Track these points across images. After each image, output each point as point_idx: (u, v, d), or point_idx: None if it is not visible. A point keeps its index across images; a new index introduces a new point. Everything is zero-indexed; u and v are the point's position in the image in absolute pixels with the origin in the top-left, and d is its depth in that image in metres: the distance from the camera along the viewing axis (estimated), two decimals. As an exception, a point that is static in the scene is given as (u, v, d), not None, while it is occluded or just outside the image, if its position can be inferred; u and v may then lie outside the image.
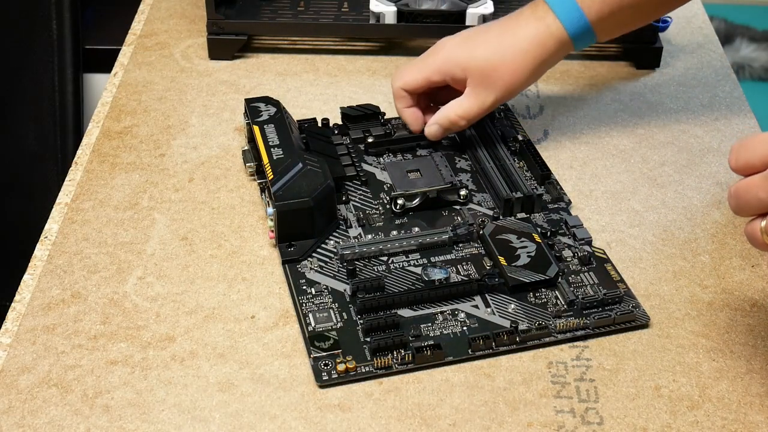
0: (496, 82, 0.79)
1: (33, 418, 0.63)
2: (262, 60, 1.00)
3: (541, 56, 0.78)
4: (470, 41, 0.80)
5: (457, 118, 0.81)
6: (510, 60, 0.78)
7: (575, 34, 0.78)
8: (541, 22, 0.78)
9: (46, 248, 0.76)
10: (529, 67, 0.78)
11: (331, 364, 0.66)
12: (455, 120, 0.81)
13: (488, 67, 0.78)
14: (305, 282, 0.72)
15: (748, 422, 0.63)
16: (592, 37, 0.79)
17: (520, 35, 0.78)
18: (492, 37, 0.79)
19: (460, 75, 0.80)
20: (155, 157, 0.86)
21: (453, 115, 0.81)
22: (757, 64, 2.28)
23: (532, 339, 0.68)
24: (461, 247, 0.75)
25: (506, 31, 0.79)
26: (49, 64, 1.28)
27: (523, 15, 0.79)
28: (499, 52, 0.78)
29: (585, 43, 0.79)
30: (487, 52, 0.78)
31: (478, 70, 0.79)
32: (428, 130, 0.83)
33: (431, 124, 0.83)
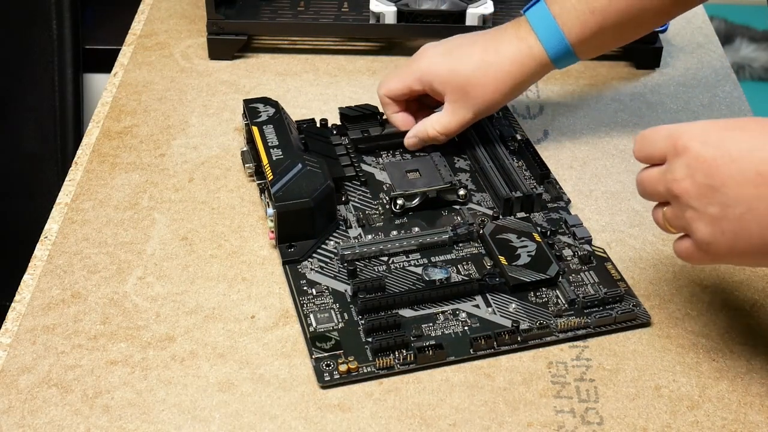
0: (475, 100, 0.79)
1: (33, 418, 0.63)
2: (262, 60, 1.00)
3: (521, 76, 0.79)
4: (453, 55, 0.80)
5: (435, 133, 0.82)
6: (491, 79, 0.79)
7: (556, 56, 0.78)
8: (523, 42, 0.78)
9: (46, 248, 0.76)
10: (508, 86, 0.79)
11: (332, 364, 0.66)
12: (433, 135, 0.82)
13: (468, 84, 0.79)
14: (306, 282, 0.72)
15: (748, 422, 0.63)
16: (573, 58, 0.79)
17: (502, 54, 0.78)
18: (475, 53, 0.79)
19: (439, 88, 0.80)
20: (155, 157, 0.86)
21: (431, 130, 0.82)
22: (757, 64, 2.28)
23: (534, 338, 0.68)
24: (461, 246, 0.75)
25: (488, 48, 0.79)
26: (49, 64, 1.28)
27: (506, 33, 0.79)
28: (480, 69, 0.79)
29: (566, 63, 0.80)
30: (468, 69, 0.79)
31: (457, 86, 0.79)
32: (407, 141, 0.84)
33: (410, 137, 0.83)
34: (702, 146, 0.58)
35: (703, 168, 0.58)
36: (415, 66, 0.82)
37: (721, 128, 0.59)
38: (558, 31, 0.77)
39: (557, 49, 0.78)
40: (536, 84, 0.96)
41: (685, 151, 0.59)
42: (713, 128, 0.59)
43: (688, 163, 0.59)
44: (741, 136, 0.58)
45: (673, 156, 0.60)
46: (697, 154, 0.58)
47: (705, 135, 0.59)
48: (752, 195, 0.57)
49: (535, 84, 0.96)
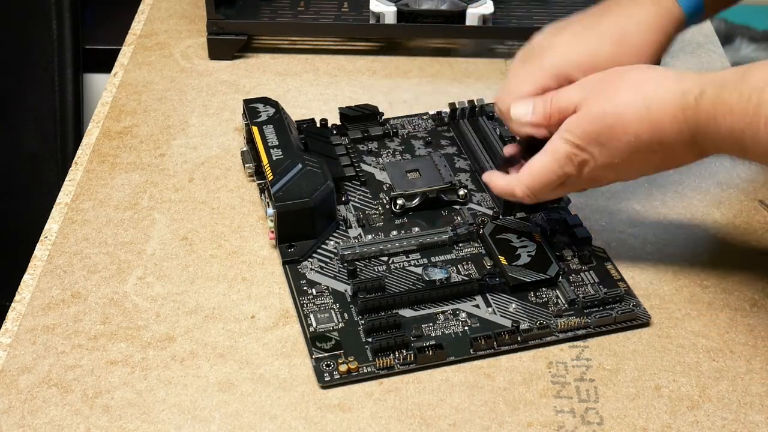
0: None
1: (33, 418, 0.63)
2: (262, 60, 1.00)
3: (663, 42, 0.73)
4: (585, 37, 0.72)
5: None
6: (636, 52, 0.71)
7: (690, 11, 0.73)
8: (659, 4, 0.72)
9: (46, 248, 0.76)
10: (653, 55, 0.72)
11: (333, 364, 0.66)
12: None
13: (613, 64, 0.70)
14: (306, 283, 0.72)
15: (748, 422, 0.63)
16: (701, 14, 0.74)
17: (642, 23, 0.72)
18: (609, 28, 0.72)
19: (580, 77, 0.70)
20: (155, 157, 0.86)
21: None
22: (757, 64, 2.28)
23: (534, 338, 0.68)
24: (461, 246, 0.75)
25: (623, 18, 0.72)
26: (49, 64, 1.28)
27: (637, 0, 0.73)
28: (624, 45, 0.71)
29: (694, 22, 0.74)
30: (610, 48, 0.71)
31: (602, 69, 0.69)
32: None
33: None
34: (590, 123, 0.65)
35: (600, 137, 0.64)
36: (545, 62, 0.71)
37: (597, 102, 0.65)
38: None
39: (692, 4, 0.73)
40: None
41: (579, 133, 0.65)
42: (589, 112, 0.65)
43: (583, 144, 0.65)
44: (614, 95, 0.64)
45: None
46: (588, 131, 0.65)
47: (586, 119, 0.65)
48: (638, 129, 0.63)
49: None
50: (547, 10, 1.00)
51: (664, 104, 0.63)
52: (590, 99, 0.65)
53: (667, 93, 0.63)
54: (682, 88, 0.62)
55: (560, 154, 0.66)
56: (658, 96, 0.63)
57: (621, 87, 0.64)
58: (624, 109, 0.64)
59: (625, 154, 0.65)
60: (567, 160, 0.66)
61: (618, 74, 0.66)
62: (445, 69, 0.99)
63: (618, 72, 0.66)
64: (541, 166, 0.67)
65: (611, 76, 0.66)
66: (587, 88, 0.66)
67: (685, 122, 0.62)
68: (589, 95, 0.65)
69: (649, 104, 0.63)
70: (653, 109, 0.63)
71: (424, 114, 0.90)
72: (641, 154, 0.65)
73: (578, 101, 0.66)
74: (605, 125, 0.64)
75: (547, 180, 0.67)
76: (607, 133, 0.64)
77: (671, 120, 0.62)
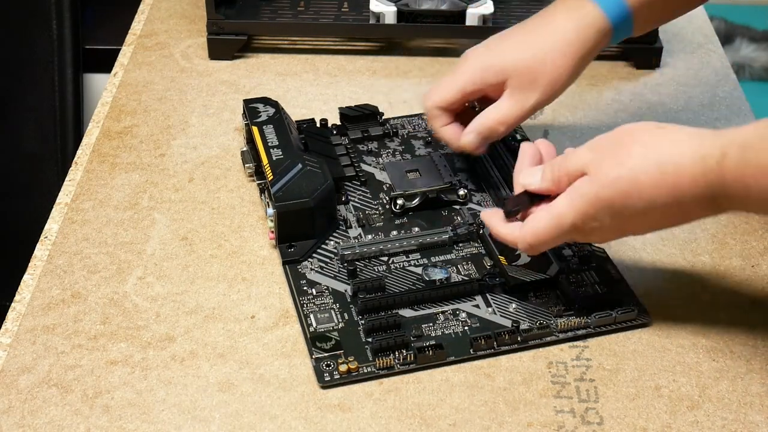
0: (539, 82, 0.73)
1: (33, 418, 0.63)
2: (262, 60, 1.00)
3: (583, 50, 0.73)
4: (502, 44, 0.75)
5: (495, 124, 0.74)
6: (552, 56, 0.72)
7: (616, 23, 0.73)
8: (579, 12, 0.73)
9: (46, 248, 0.76)
10: (571, 62, 0.73)
11: (333, 364, 0.66)
12: (494, 126, 0.75)
13: (529, 66, 0.72)
14: (306, 283, 0.72)
15: (748, 422, 0.63)
16: (629, 29, 0.74)
17: (559, 28, 0.73)
18: (527, 33, 0.74)
19: (497, 80, 0.73)
20: (155, 157, 0.86)
21: (491, 122, 0.74)
22: (757, 64, 2.28)
23: (534, 338, 0.68)
24: (461, 246, 0.75)
25: (542, 25, 0.74)
26: (49, 64, 1.28)
27: (557, 8, 0.74)
28: (539, 48, 0.73)
29: (622, 35, 0.74)
30: (525, 51, 0.73)
31: (517, 71, 0.73)
32: (464, 139, 0.76)
33: (468, 133, 0.76)
34: (602, 189, 0.62)
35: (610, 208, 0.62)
36: (464, 66, 0.75)
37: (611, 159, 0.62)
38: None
39: (617, 16, 0.72)
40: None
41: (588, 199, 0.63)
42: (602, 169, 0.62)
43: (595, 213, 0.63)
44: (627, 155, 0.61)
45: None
46: (601, 201, 0.62)
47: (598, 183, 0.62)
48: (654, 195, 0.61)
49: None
50: (547, 10, 1.00)
51: (682, 168, 0.60)
52: (601, 162, 0.62)
53: (684, 157, 0.60)
54: (701, 152, 0.59)
55: (567, 220, 0.63)
56: (674, 160, 0.60)
57: (633, 150, 0.61)
58: (638, 174, 0.61)
59: (637, 218, 0.62)
60: (572, 227, 0.64)
61: (629, 135, 0.63)
62: (445, 69, 0.98)
63: (628, 133, 0.63)
64: (546, 228, 0.64)
65: (622, 137, 0.63)
66: (597, 150, 0.63)
67: (707, 186, 0.59)
68: (600, 158, 0.63)
69: (666, 169, 0.60)
70: (670, 174, 0.60)
71: (424, 114, 0.90)
72: (655, 216, 0.62)
73: (588, 163, 0.63)
74: (618, 191, 0.61)
75: (550, 241, 0.65)
76: (620, 199, 0.61)
77: (690, 184, 0.60)
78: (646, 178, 0.60)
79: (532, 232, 0.65)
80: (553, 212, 0.64)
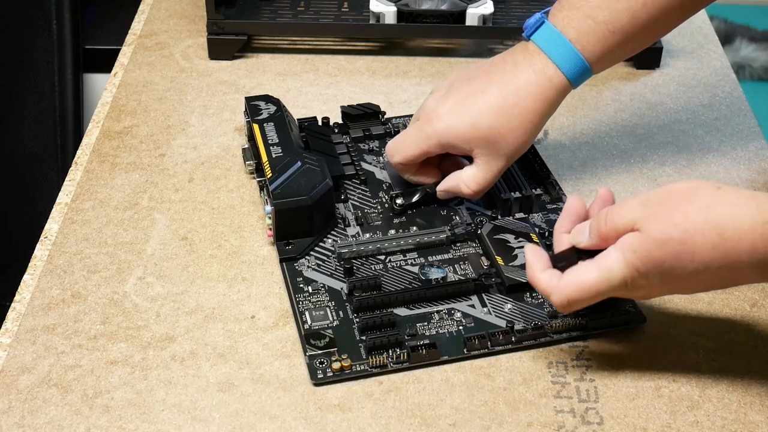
0: (506, 148, 0.74)
1: (33, 418, 0.63)
2: (262, 60, 1.00)
3: (545, 110, 0.74)
4: (467, 107, 0.74)
5: (470, 191, 0.76)
6: (517, 122, 0.73)
7: (575, 78, 0.74)
8: (541, 75, 0.73)
9: (46, 248, 0.76)
10: (535, 123, 0.74)
11: (326, 362, 0.66)
12: (468, 193, 0.76)
13: (494, 135, 0.73)
14: (302, 280, 0.72)
15: (748, 422, 0.63)
16: (589, 74, 0.75)
17: (522, 93, 0.73)
18: (491, 99, 0.73)
19: (464, 147, 0.74)
20: (155, 157, 0.86)
21: (465, 188, 0.76)
22: (757, 64, 2.28)
23: (528, 339, 0.68)
24: (459, 246, 0.75)
25: (505, 89, 0.73)
26: (49, 64, 1.28)
27: (519, 68, 0.74)
28: (503, 117, 0.73)
29: (581, 82, 0.75)
30: (490, 120, 0.73)
31: (483, 141, 0.73)
32: (438, 194, 0.78)
33: (441, 190, 0.77)
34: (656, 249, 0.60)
35: (663, 268, 0.60)
36: (429, 129, 0.75)
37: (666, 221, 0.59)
38: (577, 55, 0.72)
39: (577, 73, 0.73)
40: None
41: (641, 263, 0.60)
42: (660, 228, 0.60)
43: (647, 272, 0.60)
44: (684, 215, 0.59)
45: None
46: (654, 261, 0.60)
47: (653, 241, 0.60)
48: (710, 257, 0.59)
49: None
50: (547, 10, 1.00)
51: (740, 233, 0.58)
52: (654, 221, 0.60)
53: (744, 223, 0.58)
54: (763, 217, 0.57)
55: (616, 276, 0.61)
56: (733, 224, 0.58)
57: (689, 211, 0.59)
58: (693, 236, 0.58)
59: (688, 279, 0.60)
60: (622, 283, 0.61)
61: (685, 195, 0.60)
62: (445, 69, 0.99)
63: (685, 192, 0.61)
64: (591, 283, 0.62)
65: (676, 195, 0.61)
66: (650, 206, 0.61)
67: (767, 251, 0.58)
68: (652, 216, 0.60)
69: (723, 232, 0.58)
70: (728, 239, 0.58)
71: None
72: (706, 278, 0.60)
73: (638, 220, 0.60)
74: (671, 252, 0.59)
75: (594, 296, 0.62)
76: (672, 260, 0.59)
77: (750, 250, 0.58)
78: (703, 240, 0.58)
79: (578, 285, 0.62)
80: (603, 266, 0.61)
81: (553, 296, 0.63)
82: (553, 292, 0.63)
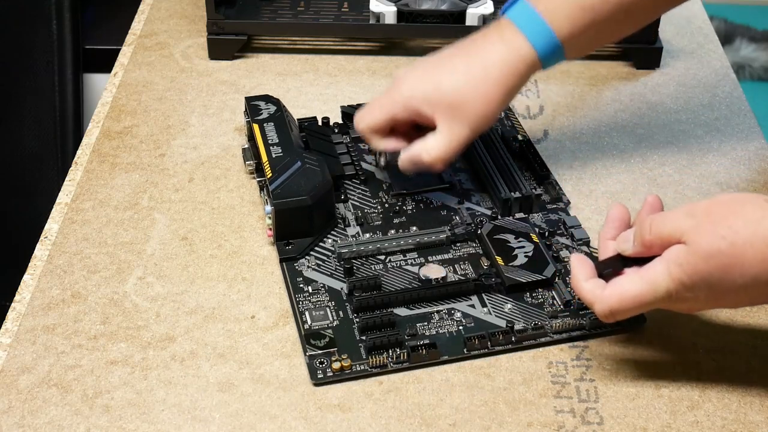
0: (468, 115, 0.73)
1: (33, 418, 0.63)
2: (262, 60, 1.00)
3: (512, 82, 0.73)
4: (435, 72, 0.74)
5: (431, 159, 0.74)
6: (482, 90, 0.73)
7: (545, 55, 0.73)
8: (509, 45, 0.73)
9: (46, 248, 0.76)
10: (501, 94, 0.73)
11: (326, 362, 0.66)
12: (429, 161, 0.74)
13: (458, 100, 0.72)
14: (302, 280, 0.72)
15: (748, 422, 0.63)
16: (561, 57, 0.74)
17: (489, 61, 0.73)
18: (458, 65, 0.73)
19: (427, 111, 0.73)
20: (155, 157, 0.86)
21: (426, 156, 0.74)
22: (757, 64, 2.28)
23: (528, 339, 0.68)
24: (459, 246, 0.75)
25: (472, 58, 0.73)
26: (49, 64, 1.28)
27: (488, 39, 0.74)
28: (468, 82, 0.73)
29: (553, 62, 0.75)
30: (455, 83, 0.73)
31: (447, 105, 0.73)
32: (401, 165, 0.76)
33: (404, 160, 0.76)
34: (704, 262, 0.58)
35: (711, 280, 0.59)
36: (395, 93, 0.75)
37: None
38: (547, 28, 0.72)
39: (546, 48, 0.73)
40: (536, 84, 0.96)
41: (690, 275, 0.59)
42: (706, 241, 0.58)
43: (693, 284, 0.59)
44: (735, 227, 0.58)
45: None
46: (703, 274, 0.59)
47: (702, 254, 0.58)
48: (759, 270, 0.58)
49: (535, 84, 0.96)
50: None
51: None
52: (700, 233, 0.59)
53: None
54: None
55: (661, 288, 0.60)
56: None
57: (737, 223, 0.58)
58: (742, 249, 0.57)
59: (735, 293, 0.59)
60: (666, 295, 0.60)
61: (732, 208, 0.59)
62: (445, 69, 0.98)
63: (731, 204, 0.60)
64: (634, 294, 0.61)
65: (723, 207, 0.60)
66: (696, 218, 0.59)
67: None
68: (698, 228, 0.59)
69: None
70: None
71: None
72: (755, 292, 0.59)
73: (685, 231, 0.59)
74: (718, 265, 0.58)
75: (635, 308, 0.62)
76: (719, 273, 0.58)
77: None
78: (753, 254, 0.57)
79: (620, 295, 0.61)
80: (647, 278, 0.60)
81: (597, 306, 0.62)
82: (597, 302, 0.62)
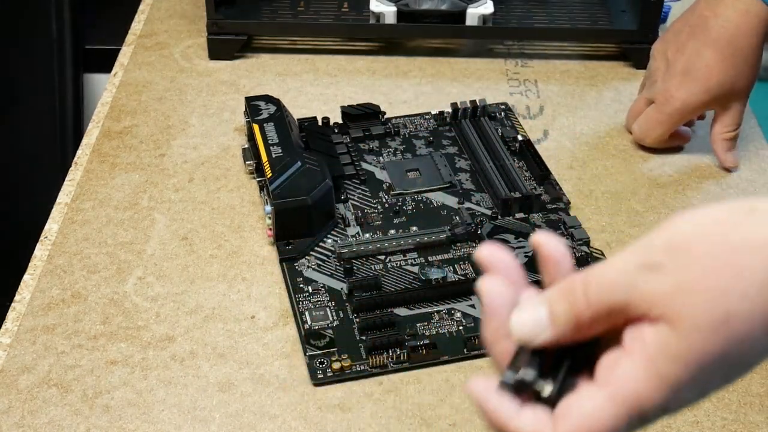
0: (739, 93, 0.82)
1: (33, 418, 0.63)
2: (262, 60, 1.00)
3: (761, 42, 0.79)
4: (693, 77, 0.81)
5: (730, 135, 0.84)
6: (741, 68, 0.80)
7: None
8: (743, 13, 0.78)
9: (46, 248, 0.76)
10: (757, 58, 0.80)
11: (326, 362, 0.66)
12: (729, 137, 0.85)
13: (727, 90, 0.81)
14: (302, 280, 0.72)
15: (748, 422, 0.63)
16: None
17: (734, 39, 0.79)
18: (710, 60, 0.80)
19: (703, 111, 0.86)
20: (155, 157, 0.86)
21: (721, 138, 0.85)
22: (758, 63, 2.28)
23: (529, 339, 0.68)
24: (459, 246, 0.75)
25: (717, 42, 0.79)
26: (49, 64, 1.28)
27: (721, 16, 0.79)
28: (728, 69, 0.80)
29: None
30: (718, 78, 0.80)
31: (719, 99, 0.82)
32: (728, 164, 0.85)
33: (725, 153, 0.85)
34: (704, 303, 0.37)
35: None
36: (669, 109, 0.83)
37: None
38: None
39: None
40: (536, 84, 0.96)
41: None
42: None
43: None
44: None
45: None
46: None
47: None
48: None
49: (535, 84, 0.96)
50: (547, 10, 1.00)
51: None
52: (685, 296, 0.37)
53: None
54: None
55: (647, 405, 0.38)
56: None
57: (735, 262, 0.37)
58: (759, 297, 0.37)
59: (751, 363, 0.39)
60: (660, 410, 0.39)
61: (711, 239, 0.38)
62: (445, 69, 0.99)
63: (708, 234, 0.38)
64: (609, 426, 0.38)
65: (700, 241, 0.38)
66: (664, 271, 0.37)
67: None
68: (678, 288, 0.37)
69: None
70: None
71: (426, 113, 0.90)
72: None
73: (653, 297, 0.37)
74: (734, 333, 0.37)
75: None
76: (736, 345, 0.37)
77: None
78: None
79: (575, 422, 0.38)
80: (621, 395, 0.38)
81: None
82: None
